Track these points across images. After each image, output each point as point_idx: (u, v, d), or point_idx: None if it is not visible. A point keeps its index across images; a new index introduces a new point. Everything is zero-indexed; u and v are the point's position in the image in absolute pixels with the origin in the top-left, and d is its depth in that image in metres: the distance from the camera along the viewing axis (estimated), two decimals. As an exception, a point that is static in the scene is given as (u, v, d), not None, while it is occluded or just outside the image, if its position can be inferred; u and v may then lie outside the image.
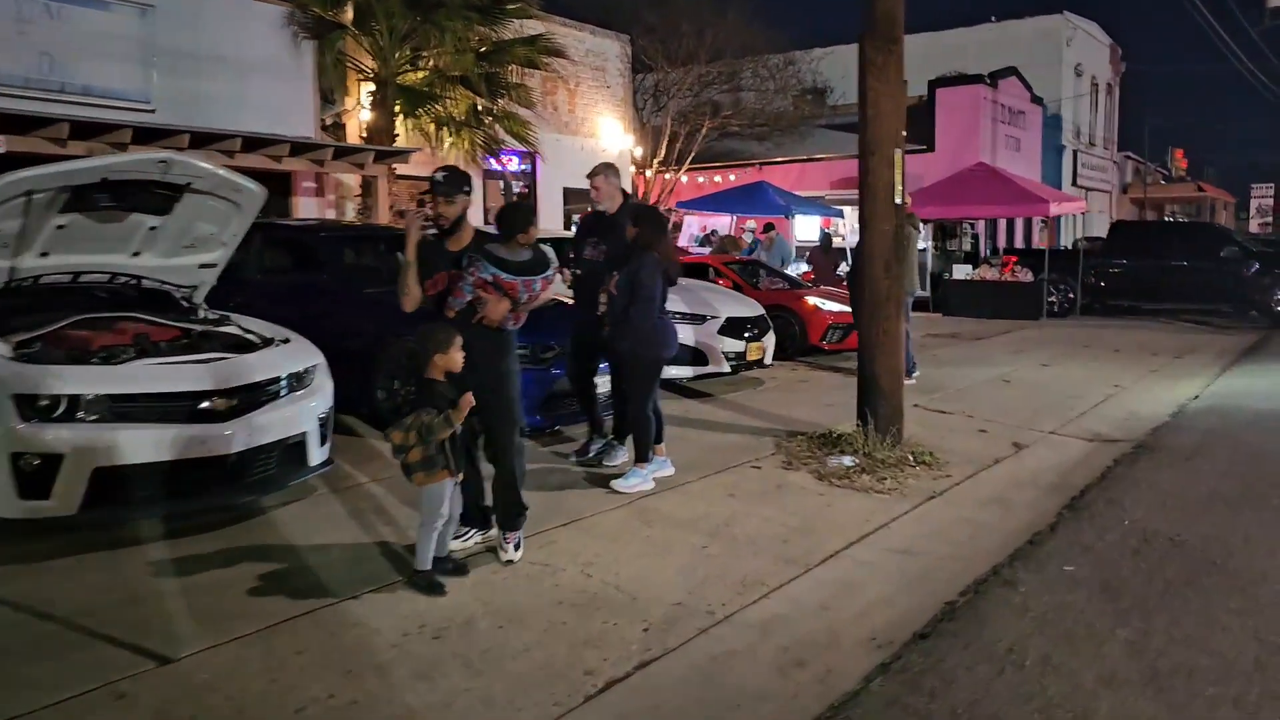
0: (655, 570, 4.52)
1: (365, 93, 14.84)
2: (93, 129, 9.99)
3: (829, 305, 11.70)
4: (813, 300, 11.88)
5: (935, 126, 23.63)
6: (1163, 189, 39.83)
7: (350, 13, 13.68)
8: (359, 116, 15.14)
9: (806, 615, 4.11)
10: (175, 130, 10.61)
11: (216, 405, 4.87)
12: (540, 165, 19.42)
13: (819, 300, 11.85)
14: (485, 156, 15.48)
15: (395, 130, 14.62)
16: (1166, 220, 35.65)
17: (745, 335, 9.46)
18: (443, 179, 4.62)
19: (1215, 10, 19.91)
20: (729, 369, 9.26)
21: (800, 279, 14.30)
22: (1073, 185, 30.98)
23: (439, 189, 4.61)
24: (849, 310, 9.95)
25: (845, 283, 12.15)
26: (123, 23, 11.56)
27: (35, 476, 4.41)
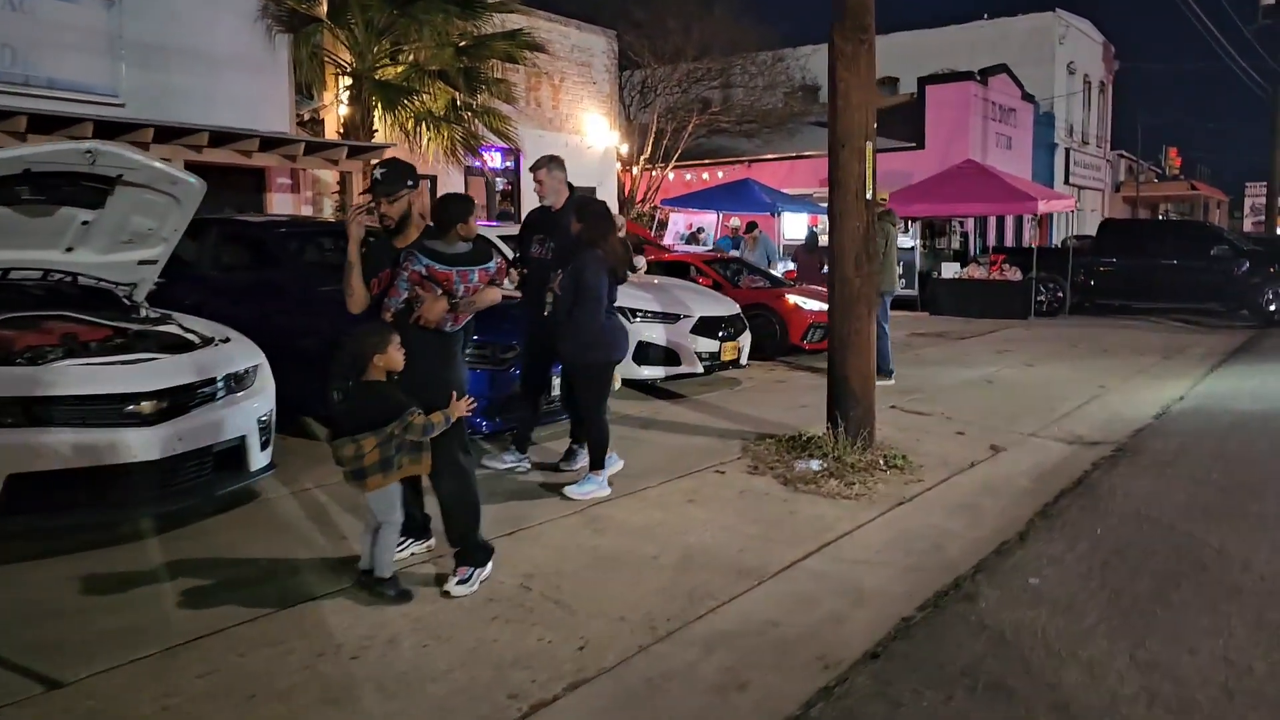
0: (600, 582, 4.30)
1: (342, 88, 14.59)
2: (52, 123, 9.74)
3: (810, 304, 11.47)
4: (793, 299, 11.66)
5: (925, 124, 23.45)
6: (1156, 187, 39.67)
7: (325, 6, 13.43)
8: (337, 112, 14.89)
9: (754, 632, 3.89)
10: (139, 124, 10.36)
11: (144, 408, 4.63)
12: (524, 161, 19.21)
13: (800, 299, 11.63)
14: (468, 153, 15.22)
15: (374, 126, 14.38)
16: (1156, 219, 35.44)
17: (719, 335, 9.23)
18: (382, 176, 4.35)
19: (1209, 8, 19.73)
20: (702, 369, 9.03)
21: (784, 278, 14.08)
22: (1065, 184, 30.83)
23: (379, 189, 4.34)
24: (830, 309, 9.74)
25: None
26: (89, 14, 11.30)
27: (-54, 483, 4.18)
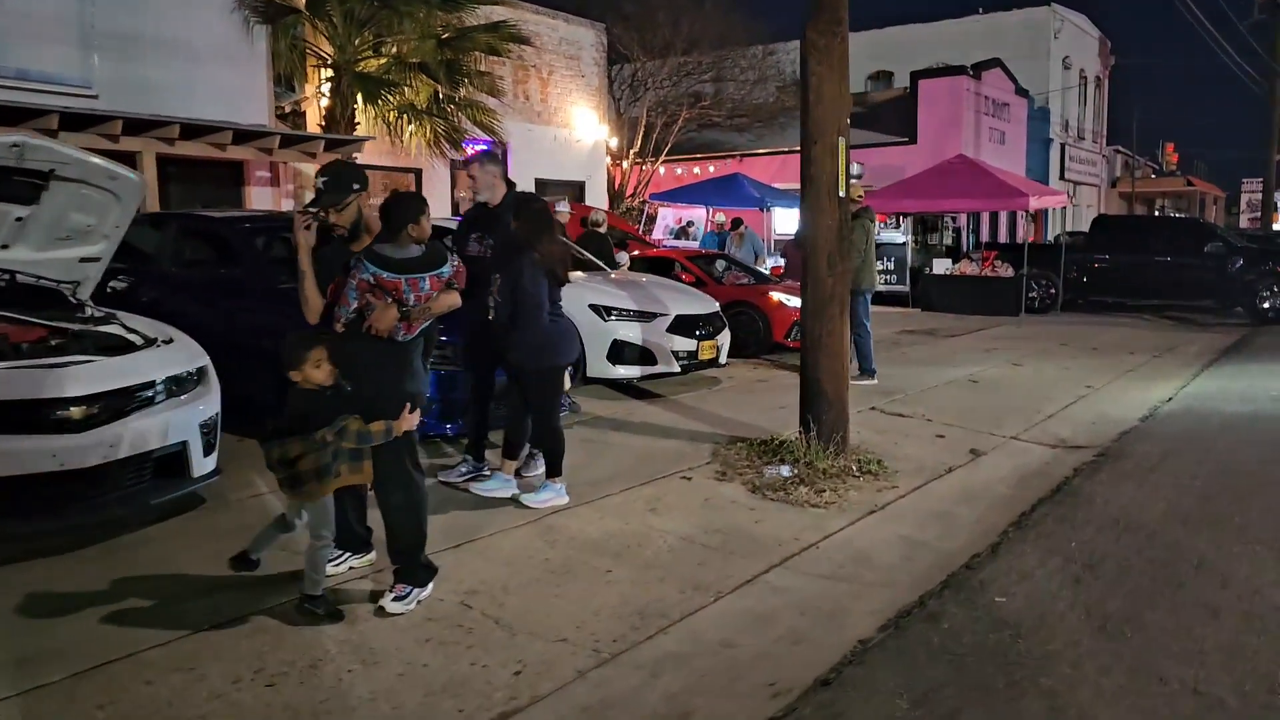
0: (546, 599, 4.10)
1: (322, 80, 14.37)
2: (18, 114, 9.51)
3: (794, 301, 11.18)
4: (777, 296, 11.45)
5: (917, 118, 23.21)
6: (1152, 183, 39.46)
7: (303, -4, 13.21)
8: (318, 104, 14.67)
9: (705, 653, 3.68)
10: (107, 115, 10.15)
11: (74, 414, 4.42)
12: (511, 156, 18.96)
13: (784, 296, 11.41)
14: (451, 147, 14.98)
15: (356, 119, 14.16)
16: (1150, 215, 35.21)
17: (697, 333, 9.02)
18: (325, 185, 4.09)
19: (1205, 4, 19.51)
20: (679, 369, 8.81)
21: (770, 274, 13.87)
22: (1061, 179, 30.60)
23: (324, 200, 4.09)
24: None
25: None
26: (60, 4, 11.06)
27: None
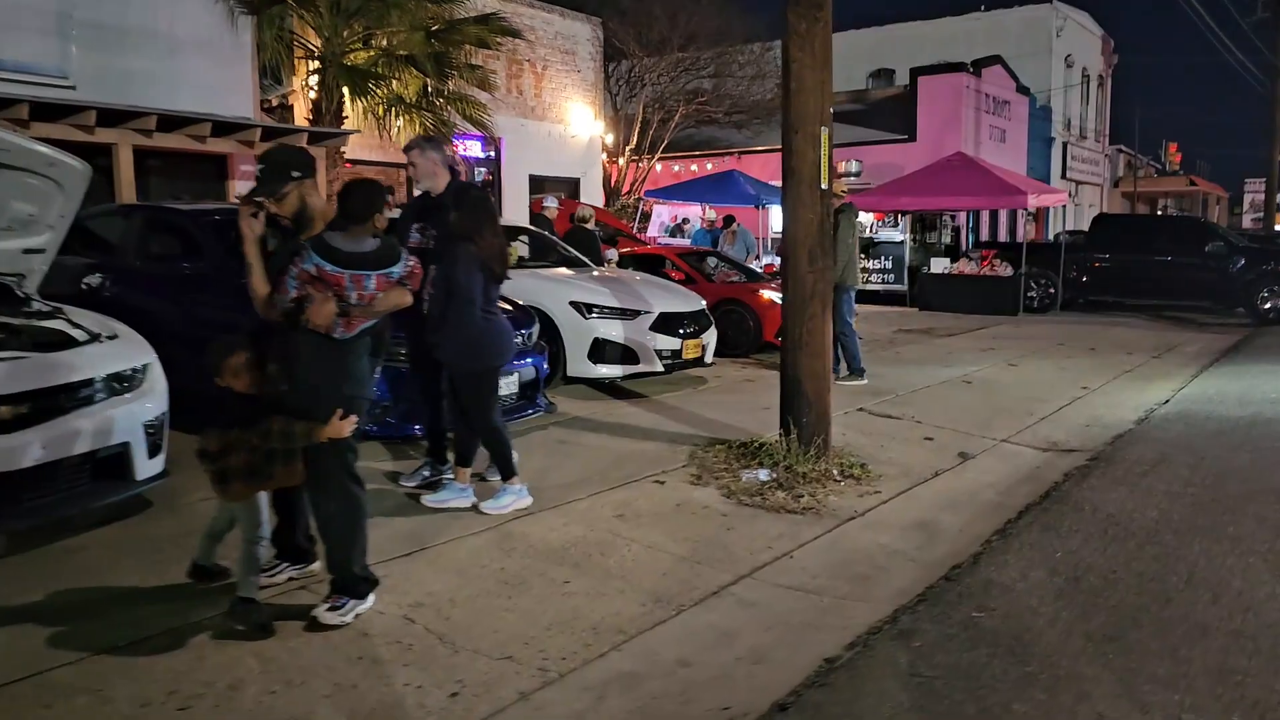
0: (496, 613, 3.86)
1: (308, 72, 14.13)
2: (-13, 104, 9.29)
3: (784, 299, 11.01)
4: (768, 294, 11.19)
5: (917, 116, 22.95)
6: (1154, 183, 39.13)
7: (289, -13, 12.96)
8: (306, 97, 14.43)
9: (659, 674, 3.45)
10: (80, 105, 9.91)
11: (3, 413, 4.19)
12: (505, 151, 18.73)
13: (774, 294, 11.12)
14: (456, 138, 14.73)
15: (344, 112, 13.92)
16: (1151, 214, 34.91)
17: (682, 332, 8.78)
18: (261, 175, 3.84)
19: (1208, 2, 19.22)
20: (662, 368, 8.57)
21: (763, 272, 13.62)
22: (1062, 178, 30.32)
23: (260, 190, 3.85)
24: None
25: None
26: (37, -8, 10.86)
27: None
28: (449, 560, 4.37)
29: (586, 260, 10.10)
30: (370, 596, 3.77)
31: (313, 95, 14.01)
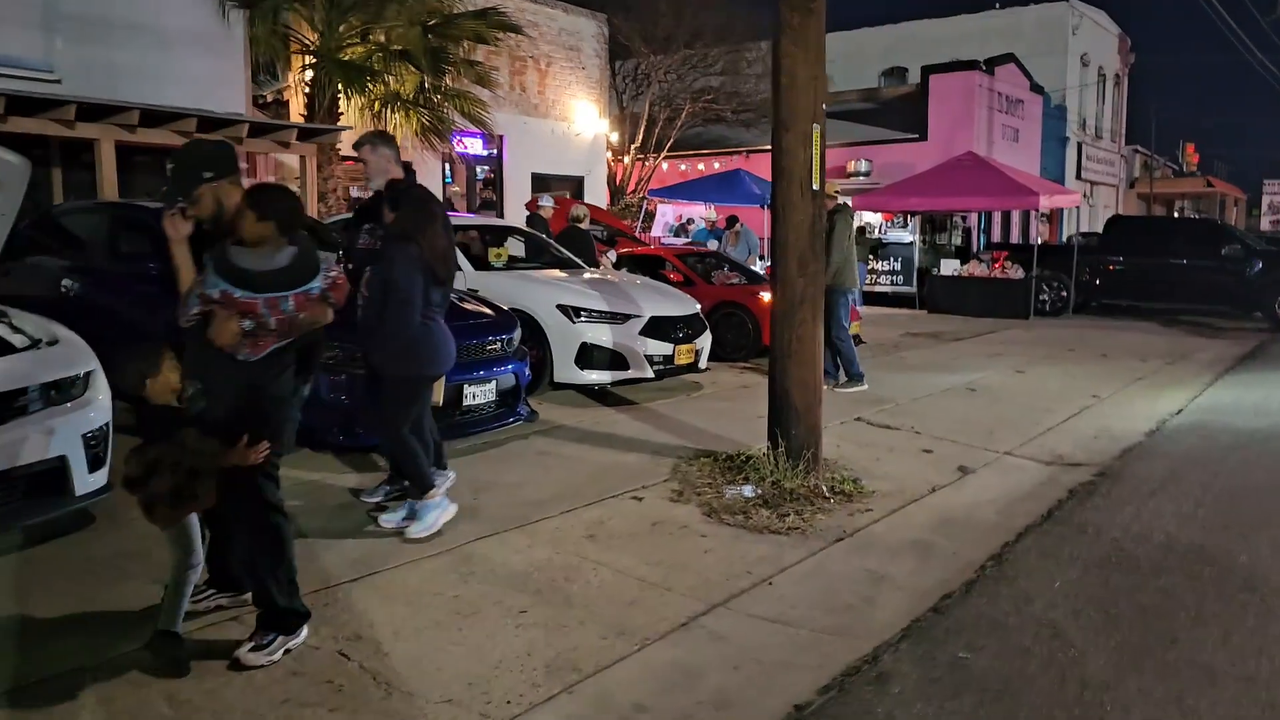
0: (442, 648, 3.56)
1: (301, 67, 13.89)
2: (-37, 97, 9.04)
3: (785, 303, 10.68)
4: (769, 297, 10.84)
5: (928, 114, 22.57)
6: (1171, 184, 38.55)
7: (282, -20, 12.70)
8: (302, 93, 14.18)
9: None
10: (60, 100, 9.66)
11: (-76, 425, 3.93)
12: (507, 149, 18.46)
13: (774, 297, 10.84)
14: (438, 138, 14.45)
15: (340, 109, 13.66)
16: (1166, 216, 34.39)
17: (674, 336, 8.47)
18: (170, 174, 3.53)
19: (1227, 0, 18.78)
20: (653, 374, 8.26)
21: (763, 274, 13.29)
22: (1077, 179, 29.85)
23: (169, 196, 3.52)
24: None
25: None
26: (22, -17, 10.63)
27: None
28: (399, 587, 4.07)
29: (580, 261, 9.80)
30: (303, 630, 3.47)
31: (306, 91, 13.77)
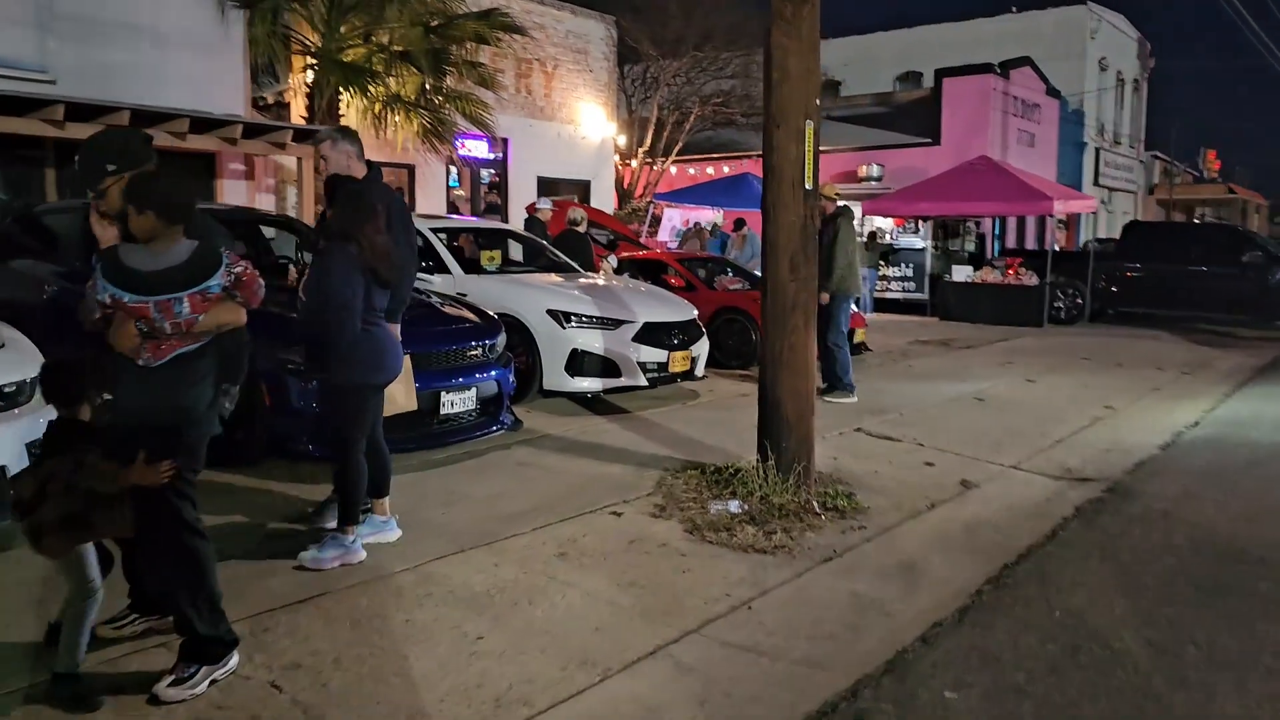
0: (385, 677, 3.30)
1: (300, 68, 13.71)
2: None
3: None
4: (770, 303, 10.57)
5: (941, 118, 22.21)
6: (1191, 190, 37.98)
7: (280, -20, 12.52)
8: (303, 95, 14.00)
9: (560, 763, 2.88)
10: (47, 100, 9.47)
11: None
12: (512, 151, 18.24)
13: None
14: (439, 141, 14.23)
15: (341, 110, 13.47)
16: (1185, 222, 33.86)
17: (668, 343, 8.19)
18: (78, 165, 3.33)
19: (1250, 3, 18.40)
20: (646, 382, 7.98)
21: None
22: (1095, 185, 29.38)
23: (75, 191, 3.34)
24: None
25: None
26: (16, -17, 10.48)
27: None
28: (347, 609, 3.80)
29: (575, 266, 9.55)
30: (231, 659, 3.21)
31: (307, 92, 13.59)
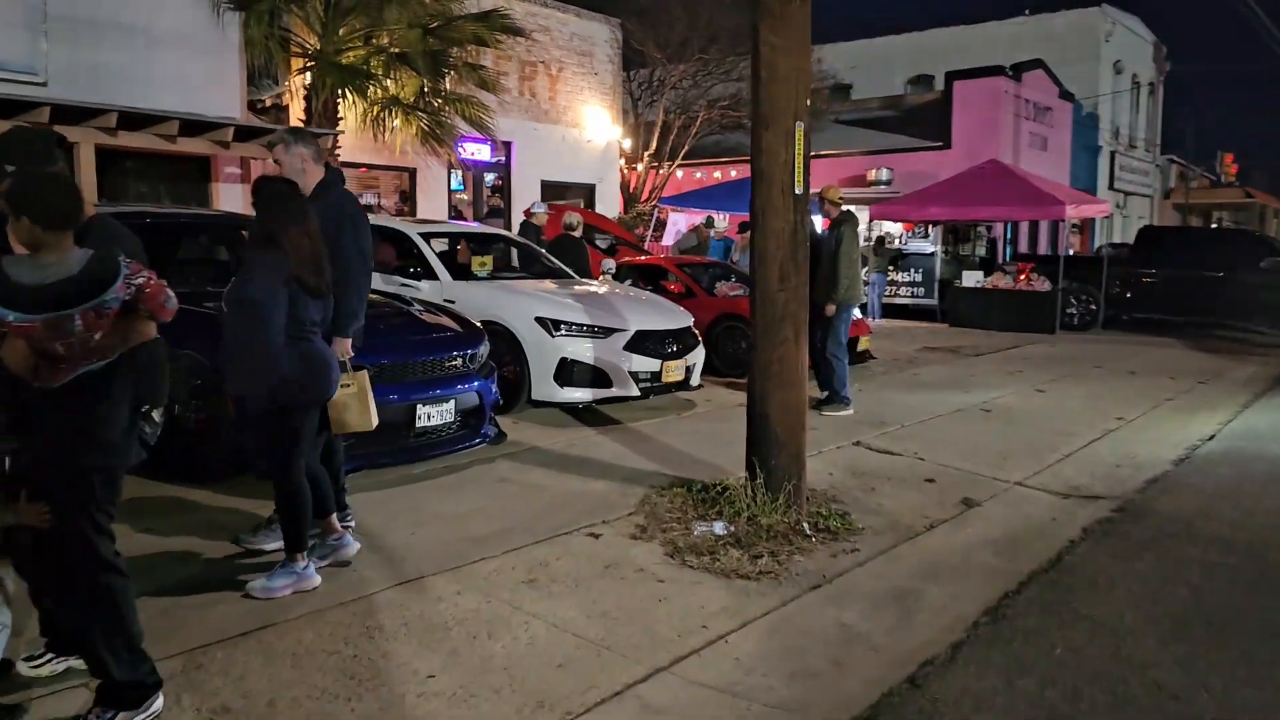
0: (321, 723, 3.04)
1: (296, 71, 13.52)
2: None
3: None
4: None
5: (952, 122, 21.87)
6: (1207, 194, 37.46)
7: (276, -18, 12.32)
8: (301, 97, 13.82)
9: (502, 824, 2.61)
10: (34, 102, 9.31)
11: None
12: (515, 155, 18.02)
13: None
14: (438, 144, 14.02)
15: (340, 113, 13.28)
16: (1200, 226, 33.37)
17: (662, 352, 7.93)
18: None
19: (1268, 5, 18.00)
20: (638, 392, 7.72)
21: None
22: (1110, 189, 28.97)
23: None
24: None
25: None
26: (8, -14, 10.31)
27: None
28: (290, 644, 3.54)
29: (570, 271, 9.30)
30: (155, 701, 2.95)
31: (305, 95, 13.40)
